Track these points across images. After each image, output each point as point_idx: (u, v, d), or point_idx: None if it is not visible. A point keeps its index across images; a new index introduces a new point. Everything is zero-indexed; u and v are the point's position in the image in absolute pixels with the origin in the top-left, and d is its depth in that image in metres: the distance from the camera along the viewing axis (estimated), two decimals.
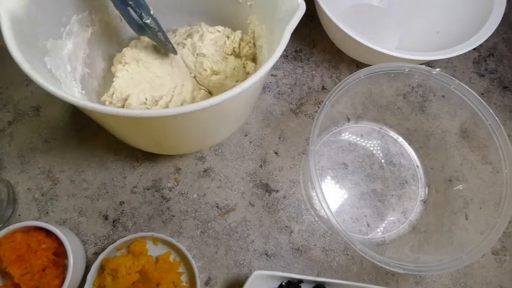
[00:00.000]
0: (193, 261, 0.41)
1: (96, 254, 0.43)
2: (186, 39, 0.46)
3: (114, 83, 0.43)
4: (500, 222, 0.38)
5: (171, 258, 0.43)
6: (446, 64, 0.56)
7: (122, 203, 0.46)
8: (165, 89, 0.42)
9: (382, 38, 0.56)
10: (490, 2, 0.46)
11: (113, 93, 0.42)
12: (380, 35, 0.57)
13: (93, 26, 0.44)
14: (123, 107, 0.42)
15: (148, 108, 0.41)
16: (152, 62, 0.43)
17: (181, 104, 0.42)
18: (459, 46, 0.44)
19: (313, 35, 0.55)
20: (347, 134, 0.51)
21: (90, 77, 0.45)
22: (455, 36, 0.47)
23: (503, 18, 0.45)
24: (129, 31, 0.48)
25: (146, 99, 0.41)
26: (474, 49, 0.54)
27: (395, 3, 0.57)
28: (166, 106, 0.42)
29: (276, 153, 0.49)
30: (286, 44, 0.32)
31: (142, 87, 0.42)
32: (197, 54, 0.45)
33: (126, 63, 0.44)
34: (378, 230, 0.47)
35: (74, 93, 0.39)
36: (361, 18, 0.58)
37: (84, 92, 0.42)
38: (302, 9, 0.33)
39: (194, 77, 0.45)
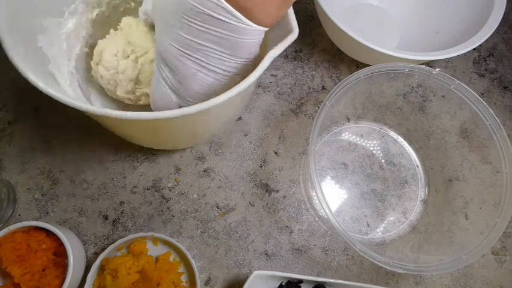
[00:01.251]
0: (193, 261, 0.41)
1: (96, 254, 0.43)
2: None
3: (99, 41, 0.43)
4: (500, 222, 0.38)
5: (171, 258, 0.43)
6: (446, 64, 0.56)
7: (122, 203, 0.46)
8: (138, 48, 0.42)
9: (382, 38, 0.56)
10: (490, 2, 0.46)
11: (99, 53, 0.43)
12: (380, 35, 0.57)
13: (100, 8, 0.43)
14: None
15: (118, 61, 0.42)
16: (139, 34, 0.43)
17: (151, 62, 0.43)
18: (459, 46, 0.44)
19: (313, 35, 0.55)
20: (347, 134, 0.51)
21: (88, 56, 0.45)
22: (455, 36, 0.47)
23: (503, 18, 0.45)
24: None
25: (117, 51, 0.42)
26: (474, 49, 0.54)
27: (396, 3, 0.57)
28: (136, 60, 0.42)
29: (276, 153, 0.49)
30: (265, 69, 0.32)
31: (116, 41, 0.42)
32: None
33: (121, 28, 0.44)
34: (378, 230, 0.47)
35: (63, 72, 0.39)
36: (361, 18, 0.58)
37: (75, 71, 0.42)
38: (294, 35, 0.33)
39: None
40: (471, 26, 0.46)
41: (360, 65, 0.54)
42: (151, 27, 0.45)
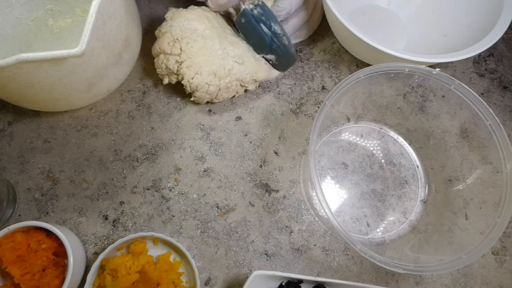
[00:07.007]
0: (193, 261, 0.41)
1: (96, 254, 0.44)
2: None
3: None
4: (500, 222, 0.38)
5: (171, 258, 0.43)
6: (446, 64, 0.56)
7: (121, 203, 0.46)
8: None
9: (389, 40, 0.56)
10: (498, 7, 0.46)
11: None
12: (387, 36, 0.56)
13: None
14: None
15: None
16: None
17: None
18: (467, 49, 0.44)
19: (313, 35, 0.55)
20: (347, 134, 0.51)
21: None
22: (462, 40, 0.47)
23: None
24: None
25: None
26: None
27: (404, 5, 0.57)
28: None
29: (276, 153, 0.49)
30: None
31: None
32: None
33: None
34: (378, 230, 0.47)
35: None
36: (369, 20, 0.57)
37: None
38: None
39: None
40: (479, 30, 0.46)
41: (359, 65, 0.54)
42: None
